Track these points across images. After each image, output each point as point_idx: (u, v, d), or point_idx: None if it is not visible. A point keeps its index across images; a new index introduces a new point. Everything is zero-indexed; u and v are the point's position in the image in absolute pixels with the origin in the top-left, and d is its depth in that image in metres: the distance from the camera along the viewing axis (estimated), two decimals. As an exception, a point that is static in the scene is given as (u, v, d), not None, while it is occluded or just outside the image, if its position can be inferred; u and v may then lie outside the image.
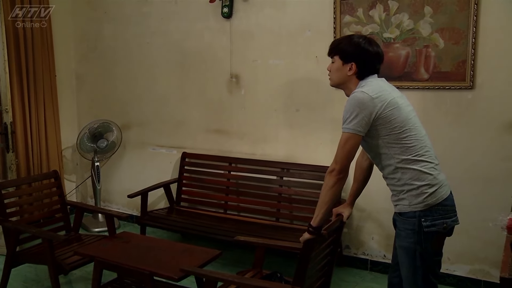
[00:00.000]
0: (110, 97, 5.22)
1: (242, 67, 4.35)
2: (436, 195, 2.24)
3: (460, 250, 3.60)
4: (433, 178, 2.25)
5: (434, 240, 2.27)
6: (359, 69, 2.35)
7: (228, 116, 4.48)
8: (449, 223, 2.27)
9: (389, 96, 2.26)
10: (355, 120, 2.22)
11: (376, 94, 2.24)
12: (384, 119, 2.23)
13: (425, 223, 2.23)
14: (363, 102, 2.21)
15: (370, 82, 2.32)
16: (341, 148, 2.28)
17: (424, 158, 2.26)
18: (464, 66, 3.40)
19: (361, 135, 2.25)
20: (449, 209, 2.29)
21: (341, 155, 2.28)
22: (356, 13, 3.75)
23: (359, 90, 2.27)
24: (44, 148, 4.89)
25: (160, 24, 4.73)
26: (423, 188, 2.24)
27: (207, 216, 4.38)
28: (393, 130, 2.24)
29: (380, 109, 2.22)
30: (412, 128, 2.26)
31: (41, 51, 4.80)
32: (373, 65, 2.39)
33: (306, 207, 4.05)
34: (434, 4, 3.44)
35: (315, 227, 2.36)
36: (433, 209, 2.24)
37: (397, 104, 2.26)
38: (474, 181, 3.51)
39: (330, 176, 2.33)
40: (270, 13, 4.14)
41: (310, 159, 4.10)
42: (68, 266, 3.23)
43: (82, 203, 4.88)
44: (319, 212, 2.36)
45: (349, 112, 2.24)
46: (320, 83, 3.97)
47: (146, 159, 5.06)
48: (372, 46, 2.37)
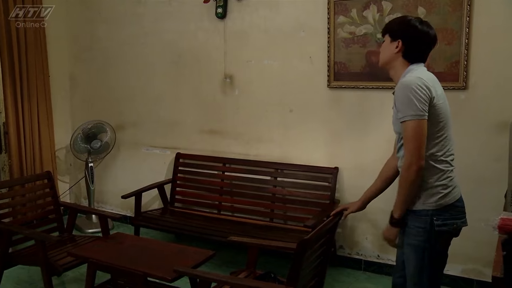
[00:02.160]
0: (104, 98, 5.20)
1: (236, 68, 4.35)
2: (449, 195, 2.24)
3: (453, 250, 3.57)
4: (450, 180, 2.25)
5: (442, 240, 2.28)
6: (405, 47, 2.28)
7: (222, 117, 4.48)
8: (459, 224, 2.27)
9: (439, 88, 2.24)
10: (415, 104, 2.11)
11: (430, 82, 2.18)
12: (434, 109, 2.17)
13: (437, 222, 2.22)
14: (419, 86, 2.12)
15: (421, 70, 2.26)
16: (410, 139, 2.15)
17: (449, 159, 2.25)
18: (457, 66, 3.41)
19: (425, 118, 2.13)
20: (460, 210, 2.29)
21: (412, 146, 2.14)
22: (350, 14, 3.75)
23: (413, 75, 2.19)
24: (37, 149, 4.87)
25: (154, 24, 4.72)
26: (439, 188, 2.23)
27: (201, 216, 4.38)
28: (435, 124, 2.18)
29: (434, 98, 2.16)
30: (449, 127, 2.25)
31: (35, 51, 4.78)
32: (421, 45, 2.29)
33: (300, 208, 4.06)
34: (427, 5, 3.45)
35: (398, 218, 2.29)
36: (445, 209, 2.23)
37: (444, 99, 2.24)
38: (467, 181, 3.49)
39: (409, 172, 2.17)
40: (264, 14, 4.14)
41: (304, 160, 4.11)
42: (61, 267, 3.21)
43: (75, 204, 4.87)
44: (401, 206, 2.26)
45: (406, 97, 2.13)
46: (314, 83, 3.98)
47: (140, 159, 5.05)
48: (422, 25, 2.29)
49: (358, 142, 3.89)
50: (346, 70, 3.82)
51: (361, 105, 3.84)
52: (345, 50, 3.81)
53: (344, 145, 3.95)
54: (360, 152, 3.89)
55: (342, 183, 4.00)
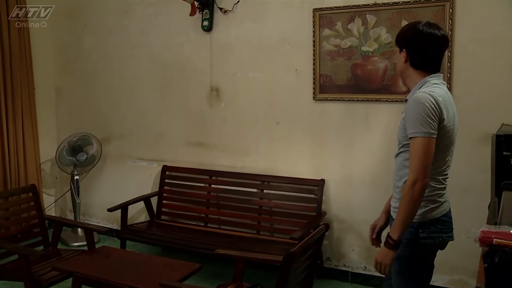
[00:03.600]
0: (89, 110, 5.18)
1: (222, 80, 4.36)
2: (437, 209, 2.23)
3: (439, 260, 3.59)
4: (439, 196, 2.24)
5: (428, 252, 2.27)
6: (411, 55, 2.20)
7: (209, 129, 4.49)
8: (445, 238, 2.26)
9: (451, 109, 2.17)
10: (426, 122, 2.05)
11: (444, 101, 2.10)
12: (442, 131, 2.12)
13: (422, 234, 2.20)
14: (432, 104, 2.06)
15: (437, 86, 2.16)
16: (417, 156, 2.07)
17: (441, 178, 2.24)
18: (440, 79, 3.45)
19: (434, 137, 2.07)
20: (447, 225, 2.27)
21: (419, 163, 2.06)
22: (335, 27, 3.79)
23: (427, 91, 2.10)
24: (22, 162, 4.83)
25: (141, 36, 4.73)
26: (427, 202, 2.20)
27: (187, 229, 4.36)
28: (437, 145, 2.12)
29: (444, 119, 2.10)
30: (451, 149, 2.23)
31: (19, 63, 4.76)
32: (426, 50, 2.18)
33: (287, 220, 4.06)
34: (411, 18, 3.49)
35: (397, 240, 2.13)
36: (432, 222, 2.21)
37: (454, 120, 2.19)
38: (452, 191, 3.49)
39: (414, 189, 2.07)
40: (250, 26, 4.17)
41: (291, 172, 4.12)
42: (45, 282, 3.16)
43: (61, 218, 4.83)
44: (402, 225, 2.12)
45: (418, 114, 2.06)
46: (300, 96, 4.00)
47: (126, 172, 5.03)
48: (427, 27, 2.17)
49: (344, 154, 3.91)
50: (331, 82, 3.85)
51: (347, 117, 3.86)
52: (330, 63, 3.84)
53: (330, 157, 3.97)
54: (346, 164, 3.91)
55: (329, 195, 4.01)
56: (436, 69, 2.22)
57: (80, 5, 5.07)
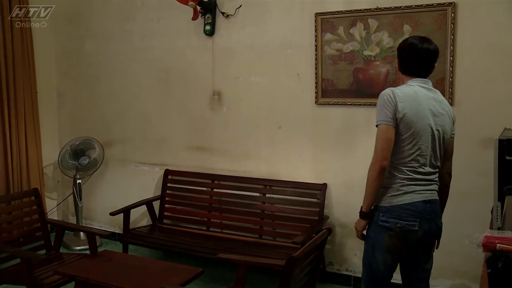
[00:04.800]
0: (92, 114, 5.19)
1: (224, 84, 4.37)
2: (397, 198, 2.43)
3: (441, 265, 3.63)
4: (402, 186, 2.43)
5: (387, 236, 2.44)
6: (400, 62, 2.58)
7: (210, 133, 4.49)
8: (403, 225, 2.41)
9: (415, 104, 2.40)
10: (383, 111, 2.39)
11: (404, 97, 2.39)
12: (400, 123, 2.38)
13: (382, 217, 2.45)
14: (389, 97, 2.39)
15: (406, 85, 2.49)
16: (377, 141, 2.41)
17: (405, 169, 2.43)
18: (443, 83, 3.46)
19: (390, 124, 2.38)
20: (408, 214, 2.41)
21: (378, 147, 2.40)
22: (337, 31, 3.80)
23: (393, 88, 2.46)
24: (24, 166, 4.83)
25: (143, 41, 4.74)
26: (389, 190, 2.45)
27: (189, 233, 4.36)
28: (397, 136, 2.41)
29: (400, 112, 2.37)
30: (417, 143, 2.41)
31: (22, 67, 4.76)
32: (409, 59, 2.51)
33: (289, 224, 4.06)
34: (413, 23, 3.51)
35: (366, 212, 2.52)
36: (392, 208, 2.43)
37: (417, 116, 2.39)
38: (453, 196, 3.51)
39: (372, 170, 2.43)
40: (252, 31, 4.18)
41: (293, 176, 4.12)
42: (47, 286, 3.16)
43: (63, 221, 4.83)
44: (366, 200, 2.50)
45: (378, 105, 2.43)
46: (302, 100, 4.01)
47: (129, 176, 5.03)
48: (416, 40, 2.50)
49: (346, 158, 3.91)
50: (333, 87, 3.86)
51: (349, 121, 3.87)
52: (332, 67, 3.85)
53: (332, 161, 3.97)
54: (348, 168, 3.91)
55: (331, 199, 4.01)
56: (418, 75, 2.51)
57: (83, 10, 5.09)
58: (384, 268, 2.53)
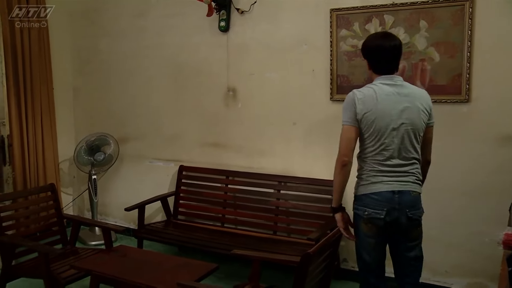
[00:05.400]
0: (107, 110, 5.23)
1: (239, 81, 4.36)
2: (365, 187, 2.62)
3: (457, 263, 3.60)
4: (368, 176, 2.62)
5: (360, 223, 2.64)
6: (368, 62, 2.69)
7: (225, 129, 4.49)
8: (371, 213, 2.58)
9: (373, 103, 2.54)
10: (345, 113, 2.59)
11: (363, 97, 2.56)
12: (361, 121, 2.56)
13: (355, 205, 2.70)
14: (349, 100, 2.59)
15: (369, 85, 2.63)
16: (340, 140, 2.62)
17: (371, 160, 2.62)
18: (459, 79, 3.42)
19: (351, 125, 2.58)
20: (375, 203, 2.58)
21: (340, 145, 2.61)
22: (352, 27, 3.78)
23: (355, 90, 2.62)
24: (41, 161, 4.88)
25: (157, 37, 4.75)
26: (358, 180, 2.69)
27: (204, 229, 4.38)
28: (361, 132, 2.61)
29: (359, 113, 2.55)
30: (381, 136, 2.56)
31: (39, 64, 4.81)
32: (377, 59, 2.63)
33: (303, 220, 4.05)
34: (429, 19, 3.47)
35: (335, 207, 2.73)
36: (361, 197, 2.64)
37: (376, 114, 2.54)
38: (470, 194, 3.51)
39: (336, 165, 2.64)
40: (266, 27, 4.16)
41: (307, 172, 4.11)
42: (64, 280, 3.20)
43: (79, 216, 4.86)
44: (334, 194, 2.71)
45: (343, 107, 2.62)
46: (317, 96, 3.99)
47: (143, 172, 5.06)
48: (377, 38, 2.67)
49: (361, 154, 3.88)
50: (348, 83, 3.83)
51: (364, 118, 3.83)
52: (347, 63, 3.83)
53: (347, 157, 3.94)
54: (363, 165, 3.88)
55: (345, 195, 3.95)
56: (385, 72, 2.62)
57: (97, 7, 5.12)
58: (374, 254, 2.68)
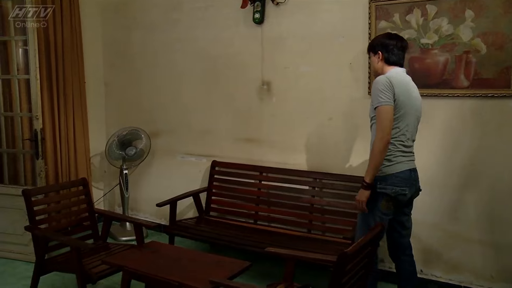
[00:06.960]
0: (138, 104, 5.19)
1: (274, 74, 4.27)
2: (391, 167, 2.88)
3: (503, 268, 3.43)
4: (394, 157, 2.88)
5: (384, 201, 2.90)
6: (385, 56, 3.01)
7: (259, 124, 4.40)
8: (397, 190, 2.87)
9: (404, 88, 2.87)
10: (383, 94, 2.80)
11: (395, 81, 2.84)
12: (395, 102, 2.82)
13: (380, 185, 2.89)
14: (385, 82, 2.83)
15: (393, 72, 2.95)
16: (381, 119, 2.81)
17: (397, 141, 2.88)
18: (508, 72, 3.24)
19: (390, 105, 2.81)
20: (401, 181, 2.88)
21: (383, 124, 2.80)
22: (392, 18, 3.63)
23: (384, 75, 2.90)
24: (72, 155, 4.88)
25: (190, 30, 4.69)
26: (384, 161, 2.87)
27: (236, 226, 4.30)
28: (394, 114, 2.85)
29: (395, 94, 2.82)
30: (406, 120, 2.88)
31: (71, 57, 4.81)
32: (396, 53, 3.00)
33: (339, 219, 3.93)
34: (476, 8, 3.30)
35: (369, 183, 2.89)
36: (387, 177, 2.88)
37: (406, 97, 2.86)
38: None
39: (380, 143, 2.80)
40: (302, 19, 4.05)
41: (343, 169, 3.99)
42: (95, 275, 3.17)
43: (110, 212, 4.85)
44: (372, 171, 2.86)
45: (377, 90, 2.84)
46: (354, 90, 3.87)
47: (175, 167, 5.01)
48: (393, 38, 3.03)
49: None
50: (387, 76, 3.69)
51: (404, 112, 3.69)
52: (387, 56, 3.68)
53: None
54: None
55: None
56: (400, 65, 3.01)
57: (130, 0, 5.08)
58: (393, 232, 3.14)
